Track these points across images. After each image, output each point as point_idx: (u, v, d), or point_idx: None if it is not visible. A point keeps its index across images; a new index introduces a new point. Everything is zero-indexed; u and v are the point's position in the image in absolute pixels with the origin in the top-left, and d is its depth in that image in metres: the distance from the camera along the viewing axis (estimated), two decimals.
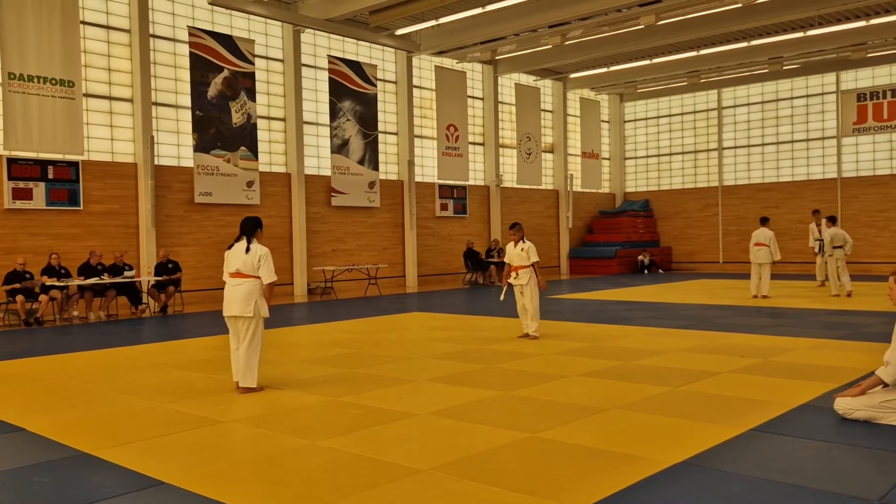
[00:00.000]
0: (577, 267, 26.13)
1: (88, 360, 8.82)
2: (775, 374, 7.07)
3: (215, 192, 16.65)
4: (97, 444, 5.01)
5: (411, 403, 6.10)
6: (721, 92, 26.41)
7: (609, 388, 6.61)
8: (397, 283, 20.76)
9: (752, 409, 5.64)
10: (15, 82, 13.70)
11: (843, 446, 4.69)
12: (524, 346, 9.25)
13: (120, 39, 15.59)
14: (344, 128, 19.30)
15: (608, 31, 19.05)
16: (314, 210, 18.86)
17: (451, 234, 22.42)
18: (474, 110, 23.32)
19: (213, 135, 16.62)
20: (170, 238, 15.95)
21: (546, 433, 5.10)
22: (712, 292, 16.63)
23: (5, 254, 13.67)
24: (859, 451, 4.60)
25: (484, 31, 18.72)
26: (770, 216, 24.32)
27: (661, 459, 4.44)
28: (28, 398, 6.69)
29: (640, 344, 9.13)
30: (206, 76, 16.54)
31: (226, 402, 6.36)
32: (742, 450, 4.65)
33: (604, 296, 16.47)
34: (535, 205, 25.09)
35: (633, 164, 29.02)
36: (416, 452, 4.71)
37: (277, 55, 18.36)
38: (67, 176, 14.61)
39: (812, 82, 24.56)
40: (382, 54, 20.75)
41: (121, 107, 15.61)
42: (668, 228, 27.69)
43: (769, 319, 11.53)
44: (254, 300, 6.68)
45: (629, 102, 28.83)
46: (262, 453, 4.79)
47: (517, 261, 9.88)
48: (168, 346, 10.12)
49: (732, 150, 26.34)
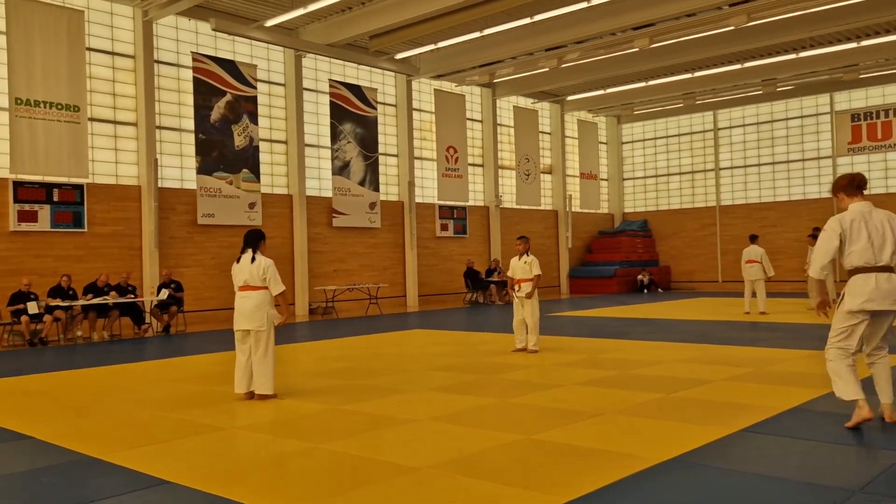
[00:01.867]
0: (577, 286, 26.28)
1: (93, 376, 8.96)
2: (767, 381, 7.21)
3: (218, 214, 16.88)
4: (104, 450, 5.15)
5: (410, 410, 6.24)
6: (717, 113, 26.77)
7: (604, 395, 6.75)
8: (398, 302, 20.91)
9: (742, 413, 5.78)
10: (22, 107, 13.99)
11: (828, 444, 4.83)
12: (523, 358, 9.40)
13: (125, 65, 15.92)
14: (345, 150, 19.58)
15: (604, 54, 19.40)
16: (315, 231, 19.08)
17: (451, 254, 22.61)
18: (473, 132, 23.65)
19: (216, 157, 16.89)
20: (173, 259, 16.14)
21: (541, 435, 5.24)
22: (710, 309, 16.77)
23: (11, 275, 13.85)
24: (843, 447, 4.74)
25: (482, 54, 19.08)
26: (767, 235, 24.73)
27: (652, 457, 4.58)
28: (35, 410, 6.84)
29: (636, 356, 9.27)
30: (210, 100, 16.85)
31: (229, 411, 6.50)
32: (731, 448, 4.79)
33: (602, 313, 16.60)
34: (534, 225, 25.31)
35: (631, 184, 29.29)
36: (414, 453, 4.86)
37: (279, 79, 18.70)
38: (72, 198, 14.84)
39: (806, 103, 24.91)
40: (382, 78, 21.11)
41: (125, 130, 15.90)
42: (667, 248, 27.89)
43: (764, 333, 11.68)
44: (264, 311, 6.88)
45: (626, 124, 29.18)
46: (265, 455, 4.93)
47: (520, 273, 10.04)
48: (171, 362, 10.26)
49: (729, 170, 26.62)
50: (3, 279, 13.78)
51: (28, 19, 14.09)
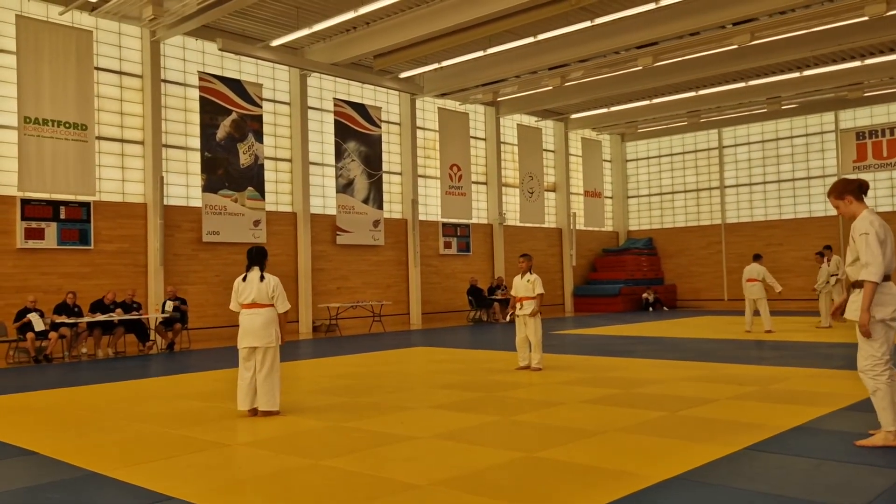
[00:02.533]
0: (582, 304, 26.23)
1: (97, 392, 8.98)
2: (771, 400, 7.18)
3: (223, 231, 16.96)
4: (107, 466, 5.16)
5: (412, 427, 6.24)
6: (721, 131, 26.83)
7: (607, 413, 6.73)
8: (401, 320, 20.90)
9: (746, 431, 5.75)
10: (30, 126, 14.13)
11: (832, 462, 4.80)
12: (525, 376, 9.38)
13: (132, 84, 16.08)
14: (349, 168, 19.69)
15: (607, 73, 19.50)
16: (319, 248, 19.13)
17: (454, 271, 22.63)
18: (477, 150, 23.75)
19: (222, 175, 17.00)
20: (178, 276, 16.20)
21: (542, 453, 5.23)
22: (715, 328, 16.72)
23: (17, 292, 13.91)
24: (848, 465, 4.71)
25: (485, 73, 19.21)
26: (774, 253, 24.70)
27: (654, 475, 4.56)
28: (39, 425, 6.85)
29: (640, 374, 9.24)
30: (215, 119, 16.99)
31: (232, 427, 6.51)
32: (734, 466, 4.77)
33: (607, 331, 16.57)
34: (538, 243, 25.33)
35: (635, 202, 29.32)
36: (416, 470, 4.85)
37: (284, 98, 18.85)
38: (79, 216, 14.94)
39: (811, 121, 24.95)
40: (387, 97, 21.26)
41: (132, 149, 16.03)
42: (672, 266, 27.84)
43: (769, 352, 11.64)
44: (272, 329, 6.94)
45: (630, 142, 29.27)
46: (266, 471, 4.93)
47: (522, 291, 10.03)
48: (175, 379, 10.27)
49: (734, 188, 26.63)
50: (9, 296, 13.85)
51: (38, 39, 14.27)
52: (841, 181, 5.32)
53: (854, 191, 5.19)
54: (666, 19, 15.50)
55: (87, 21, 15.11)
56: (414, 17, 15.52)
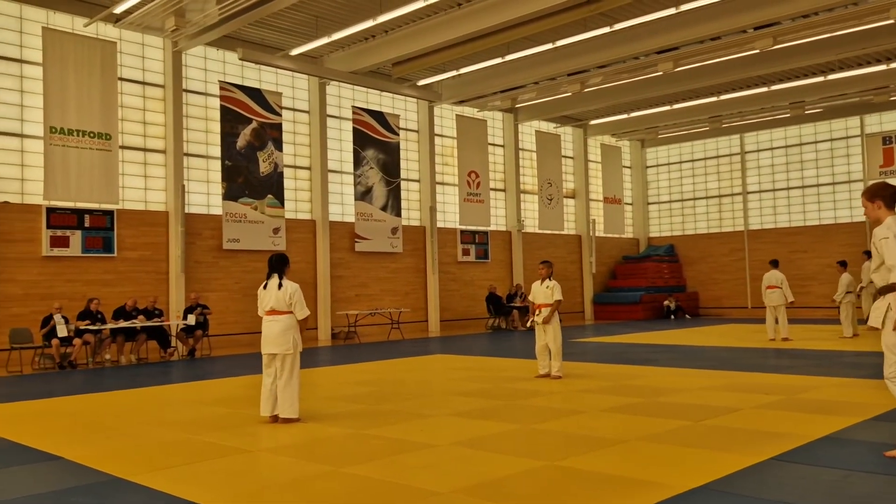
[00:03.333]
0: (602, 312, 26.05)
1: (121, 398, 9.05)
2: (797, 409, 7.07)
3: (243, 239, 17.08)
4: (131, 471, 5.19)
5: (432, 435, 6.21)
6: (744, 136, 26.57)
7: (629, 422, 6.66)
8: (420, 327, 20.90)
9: (771, 441, 5.66)
10: (56, 136, 14.33)
11: (860, 473, 4.71)
12: (545, 384, 9.32)
13: (155, 94, 16.27)
14: (367, 175, 19.75)
15: (627, 78, 19.41)
16: (338, 256, 19.20)
17: (473, 278, 22.59)
18: (495, 157, 23.73)
19: (242, 183, 17.13)
20: (198, 283, 16.32)
21: (564, 461, 5.18)
22: (738, 336, 16.53)
23: (42, 299, 14.09)
24: (877, 477, 4.62)
25: (504, 80, 19.20)
26: (797, 260, 24.41)
27: (678, 485, 4.50)
28: (64, 431, 6.91)
29: (662, 383, 9.15)
30: (236, 127, 17.14)
31: (253, 434, 6.52)
32: (759, 476, 4.69)
33: (628, 339, 16.44)
34: (557, 250, 25.22)
35: (656, 208, 29.11)
36: (436, 478, 4.82)
37: (304, 107, 18.98)
38: (103, 224, 15.11)
39: (836, 126, 24.64)
40: (405, 104, 21.32)
41: (154, 158, 16.21)
42: (694, 273, 27.58)
43: (794, 360, 11.46)
44: (290, 336, 6.95)
45: (651, 148, 29.09)
46: (287, 478, 4.93)
47: (541, 298, 9.97)
48: (196, 385, 10.33)
49: (757, 193, 26.35)
50: (35, 303, 14.03)
51: (63, 51, 14.49)
52: (879, 184, 5.23)
53: (887, 197, 5.10)
54: (686, 24, 15.39)
55: (111, 32, 15.32)
56: (432, 25, 15.57)
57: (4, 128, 14.19)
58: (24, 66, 14.43)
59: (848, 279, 15.44)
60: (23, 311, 13.93)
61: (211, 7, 13.71)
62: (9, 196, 14.18)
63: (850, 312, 15.23)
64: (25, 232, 14.20)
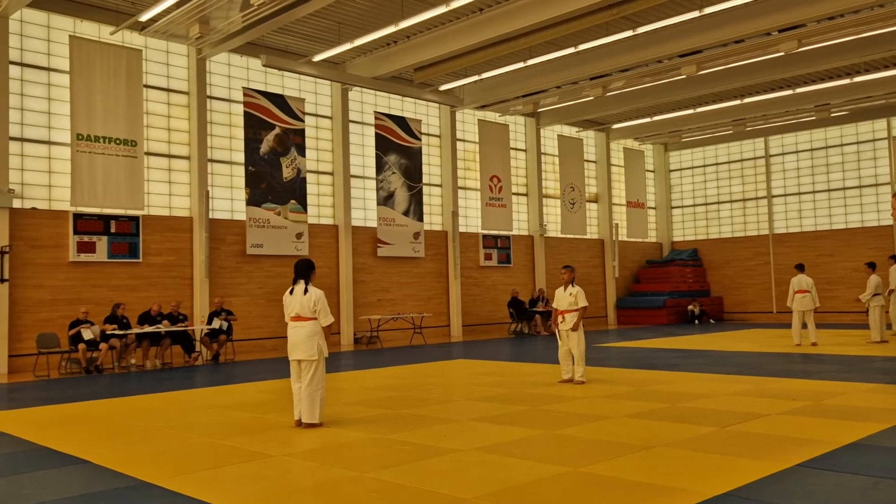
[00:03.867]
0: (625, 317, 25.87)
1: (146, 403, 9.15)
2: (825, 415, 6.96)
3: (266, 244, 17.21)
4: (158, 475, 5.24)
5: (455, 440, 6.20)
6: (768, 140, 26.27)
7: (654, 427, 6.60)
8: (442, 332, 20.90)
9: (798, 447, 5.58)
10: (83, 142, 14.56)
11: (889, 480, 4.63)
12: (569, 389, 9.27)
13: (179, 101, 16.47)
14: (389, 180, 19.82)
15: (650, 82, 19.29)
16: (360, 260, 19.27)
17: (495, 283, 22.55)
18: (517, 161, 23.70)
19: (265, 189, 17.27)
20: (222, 289, 16.46)
21: (589, 468, 5.15)
22: (764, 341, 16.33)
23: (69, 304, 14.30)
24: None
25: (525, 84, 19.17)
26: (824, 264, 24.07)
27: (703, 492, 4.45)
28: (91, 435, 7.00)
29: (687, 388, 9.06)
30: (259, 133, 17.29)
31: (278, 438, 6.56)
32: (786, 483, 4.63)
33: (652, 344, 16.31)
34: (580, 254, 25.11)
35: (679, 213, 28.88)
36: (460, 483, 4.81)
37: (326, 112, 19.10)
38: (128, 230, 15.31)
39: (862, 129, 24.28)
40: (427, 109, 21.38)
41: (179, 164, 16.39)
42: (719, 278, 27.29)
43: (821, 365, 11.30)
44: (315, 342, 6.98)
45: (674, 151, 28.87)
46: (311, 483, 4.96)
47: (564, 304, 9.91)
48: (221, 389, 10.41)
49: (782, 197, 26.03)
50: (62, 308, 14.24)
51: (90, 59, 14.73)
52: None
53: None
54: (710, 27, 15.27)
55: (137, 40, 15.54)
56: (454, 30, 15.60)
57: (32, 135, 14.45)
58: (51, 74, 14.68)
59: (876, 280, 15.16)
60: (51, 315, 14.15)
61: (234, 14, 13.86)
62: (37, 202, 14.43)
63: (878, 316, 14.98)
64: (53, 238, 14.43)
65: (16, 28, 14.26)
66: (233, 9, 13.72)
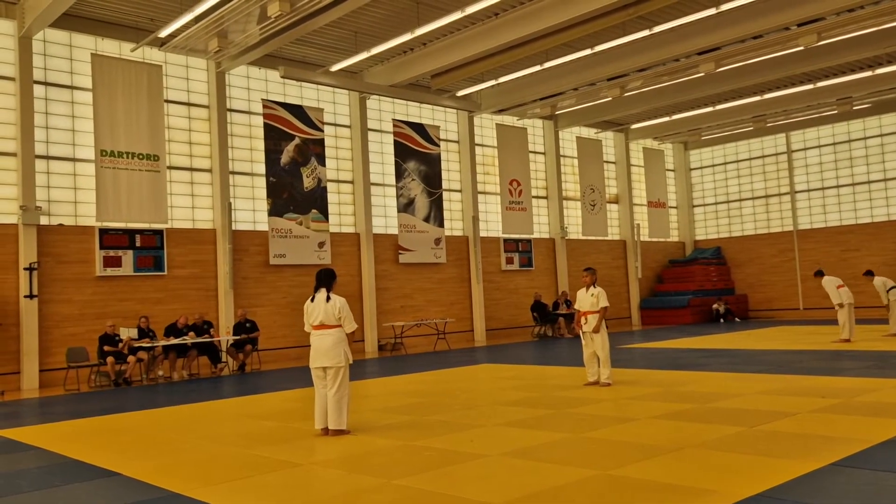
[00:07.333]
0: (649, 317, 25.67)
1: (174, 414, 9.25)
2: (857, 412, 6.86)
3: (289, 254, 17.33)
4: (187, 486, 5.29)
5: (482, 446, 6.19)
6: (790, 135, 25.99)
7: (682, 429, 6.54)
8: (466, 337, 20.88)
9: (831, 446, 5.50)
10: (106, 158, 14.78)
11: None
12: (595, 391, 9.21)
13: (200, 115, 16.66)
14: (409, 187, 19.87)
15: (668, 81, 19.17)
16: (382, 268, 19.33)
17: (517, 287, 22.50)
18: (536, 165, 23.65)
19: (286, 199, 17.40)
20: (246, 299, 16.60)
21: (617, 471, 5.11)
22: (792, 338, 16.11)
23: (97, 318, 14.50)
24: None
25: (543, 87, 19.15)
26: (850, 259, 23.73)
27: (735, 493, 4.40)
28: (121, 447, 7.09)
29: (715, 388, 8.96)
30: (279, 144, 17.44)
31: (305, 447, 6.59)
32: (819, 483, 4.56)
33: (677, 344, 16.16)
34: (601, 255, 24.98)
35: (701, 211, 28.63)
36: (488, 488, 4.80)
37: (345, 121, 19.21)
38: (153, 244, 15.50)
39: (885, 121, 23.93)
40: (445, 115, 21.42)
41: (201, 177, 16.57)
42: (743, 275, 27.00)
43: (851, 362, 11.12)
44: (341, 349, 7.03)
45: (694, 150, 28.65)
46: (340, 491, 4.97)
47: (586, 306, 9.88)
48: (248, 399, 10.49)
49: (806, 192, 25.72)
50: (90, 322, 14.44)
51: (112, 76, 14.96)
52: None
53: None
54: (727, 24, 15.15)
55: (157, 56, 15.75)
56: (470, 36, 15.63)
57: (58, 152, 14.69)
58: (74, 93, 14.93)
59: (881, 281, 15.21)
60: (79, 330, 14.35)
61: (252, 27, 14.00)
62: (63, 218, 14.66)
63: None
64: (80, 253, 14.65)
65: (39, 48, 14.52)
66: (250, 22, 13.86)
